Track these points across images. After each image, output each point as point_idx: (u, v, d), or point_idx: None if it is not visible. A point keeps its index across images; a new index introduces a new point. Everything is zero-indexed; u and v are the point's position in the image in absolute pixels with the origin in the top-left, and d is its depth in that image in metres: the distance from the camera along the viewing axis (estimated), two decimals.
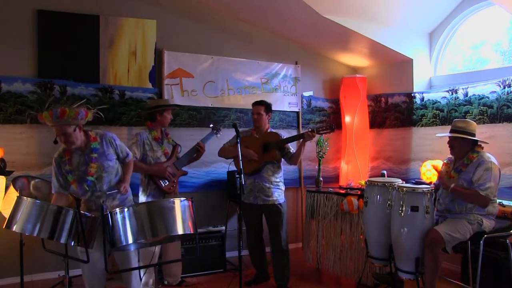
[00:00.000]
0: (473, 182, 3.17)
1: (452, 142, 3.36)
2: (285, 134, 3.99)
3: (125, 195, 3.10)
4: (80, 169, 2.95)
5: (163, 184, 3.78)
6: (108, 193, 2.99)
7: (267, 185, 3.87)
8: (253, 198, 3.90)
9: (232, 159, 4.04)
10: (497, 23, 4.55)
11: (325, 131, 3.84)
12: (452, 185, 3.22)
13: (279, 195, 3.93)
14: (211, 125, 4.27)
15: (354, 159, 5.41)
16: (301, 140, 3.83)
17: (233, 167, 4.29)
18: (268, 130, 4.00)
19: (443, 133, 3.48)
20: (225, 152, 4.01)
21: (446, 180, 3.32)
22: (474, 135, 3.28)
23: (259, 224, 4.05)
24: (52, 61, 4.21)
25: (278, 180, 3.94)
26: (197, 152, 4.06)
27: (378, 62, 5.52)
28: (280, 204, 3.92)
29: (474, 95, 4.33)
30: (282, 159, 3.98)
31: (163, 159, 3.85)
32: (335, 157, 5.68)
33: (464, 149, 3.31)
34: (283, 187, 4.00)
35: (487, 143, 3.37)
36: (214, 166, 4.90)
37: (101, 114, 2.95)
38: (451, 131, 3.36)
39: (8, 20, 4.06)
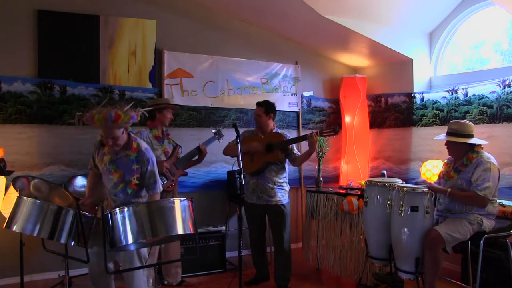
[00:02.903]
0: (472, 182, 3.17)
1: (448, 145, 3.37)
2: (288, 134, 3.97)
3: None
4: (108, 165, 2.93)
5: (161, 182, 3.77)
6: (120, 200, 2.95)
7: (270, 185, 3.86)
8: (256, 198, 3.90)
9: (236, 159, 4.03)
10: (497, 23, 4.55)
11: (329, 134, 3.75)
12: (449, 190, 3.22)
13: (282, 195, 3.91)
14: (213, 130, 4.24)
15: (354, 159, 5.41)
16: (308, 144, 3.71)
17: (237, 167, 4.28)
18: (273, 131, 3.98)
19: (441, 134, 3.46)
20: (230, 150, 3.99)
21: (440, 188, 3.30)
22: (469, 135, 3.27)
23: (261, 224, 4.04)
24: (52, 61, 4.21)
25: (281, 180, 3.92)
26: (199, 154, 4.06)
27: (378, 62, 5.52)
28: (283, 204, 3.90)
29: (474, 95, 4.33)
30: (287, 160, 3.96)
31: (163, 158, 3.86)
32: (335, 157, 5.68)
33: (460, 151, 3.30)
34: (287, 188, 3.98)
35: (480, 144, 3.32)
36: (214, 166, 4.91)
37: (146, 114, 2.89)
38: (446, 133, 3.36)
39: (8, 20, 4.06)
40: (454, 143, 3.30)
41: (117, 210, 2.54)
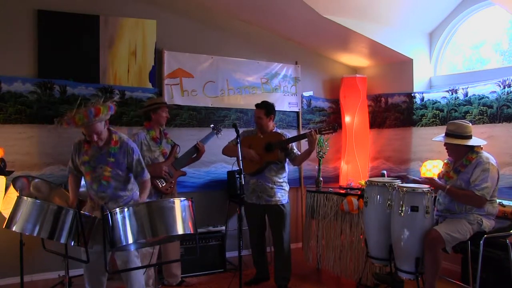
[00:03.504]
0: (470, 182, 3.17)
1: (446, 146, 3.37)
2: (287, 134, 3.97)
3: (129, 198, 3.11)
4: (92, 165, 2.98)
5: (160, 185, 3.76)
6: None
7: (270, 185, 3.86)
8: (256, 198, 3.90)
9: (236, 159, 4.02)
10: (497, 23, 4.55)
11: (328, 132, 3.76)
12: (448, 186, 3.23)
13: (282, 195, 3.91)
14: (211, 125, 4.25)
15: (354, 159, 5.41)
16: (307, 143, 3.71)
17: (237, 167, 4.28)
18: (273, 130, 3.98)
19: (439, 136, 3.46)
20: (229, 151, 4.00)
21: (440, 184, 3.31)
22: (467, 136, 3.26)
23: (261, 224, 4.04)
24: (52, 61, 4.21)
25: (281, 180, 3.92)
26: (196, 152, 4.05)
27: (378, 62, 5.52)
28: (283, 204, 3.90)
29: (474, 95, 4.33)
30: (287, 159, 3.96)
31: (161, 159, 3.84)
32: (335, 157, 5.68)
33: (459, 152, 3.29)
34: (287, 188, 3.98)
35: (479, 145, 3.31)
36: (214, 166, 4.91)
37: (116, 102, 2.97)
38: (445, 134, 3.35)
39: (8, 20, 4.06)
40: (452, 144, 3.30)
41: (117, 210, 2.54)
